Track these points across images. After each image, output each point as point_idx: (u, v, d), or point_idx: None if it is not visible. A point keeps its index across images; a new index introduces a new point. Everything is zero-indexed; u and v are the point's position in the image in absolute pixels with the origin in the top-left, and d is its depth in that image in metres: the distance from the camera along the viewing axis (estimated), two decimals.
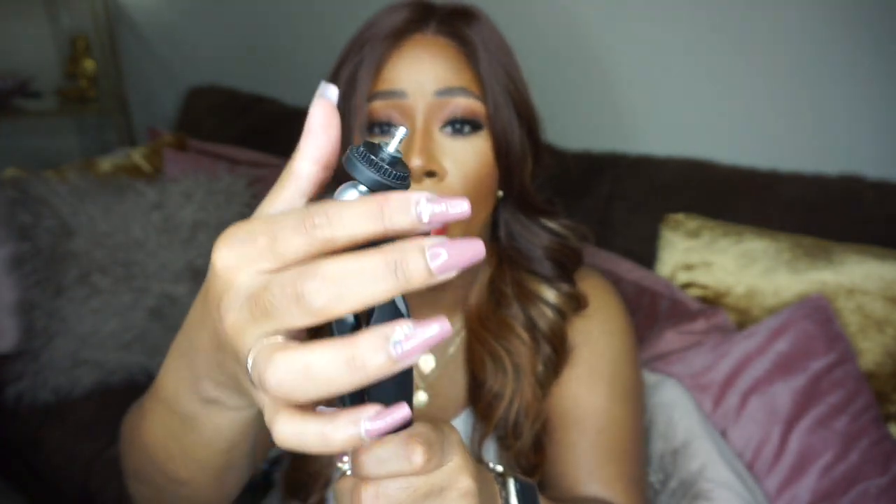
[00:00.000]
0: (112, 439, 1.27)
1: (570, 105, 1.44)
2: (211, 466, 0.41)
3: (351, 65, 0.58)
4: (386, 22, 0.58)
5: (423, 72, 0.56)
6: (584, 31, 1.41)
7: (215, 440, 0.38)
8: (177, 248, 1.40)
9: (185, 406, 0.37)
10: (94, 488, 1.22)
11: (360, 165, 0.27)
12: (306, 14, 1.86)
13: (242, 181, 1.53)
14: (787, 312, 0.99)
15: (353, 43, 0.60)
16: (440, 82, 0.56)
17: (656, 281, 1.18)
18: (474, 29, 0.59)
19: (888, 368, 0.99)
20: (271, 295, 0.23)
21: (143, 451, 0.45)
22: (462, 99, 0.56)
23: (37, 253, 1.34)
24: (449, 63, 0.57)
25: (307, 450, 0.24)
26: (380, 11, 0.61)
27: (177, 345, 0.36)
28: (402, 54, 0.57)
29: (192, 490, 0.44)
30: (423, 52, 0.57)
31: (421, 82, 0.56)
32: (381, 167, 0.27)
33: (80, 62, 2.33)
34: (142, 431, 0.44)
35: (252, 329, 0.24)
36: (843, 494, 0.86)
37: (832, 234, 1.10)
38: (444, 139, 0.57)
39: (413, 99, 0.56)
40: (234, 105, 1.97)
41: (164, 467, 0.43)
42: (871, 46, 1.13)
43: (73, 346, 1.31)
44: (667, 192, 1.28)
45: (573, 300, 0.66)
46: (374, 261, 0.22)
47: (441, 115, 0.57)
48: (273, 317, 0.23)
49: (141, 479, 0.49)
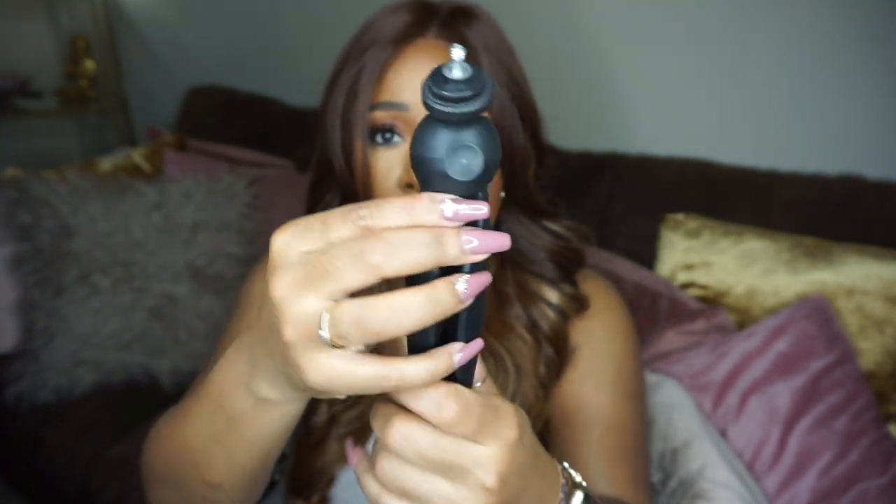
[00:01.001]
0: (112, 439, 1.27)
1: (570, 105, 1.44)
2: (248, 469, 0.42)
3: (352, 71, 0.57)
4: (386, 26, 0.57)
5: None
6: (584, 31, 1.41)
7: (257, 442, 0.39)
8: (177, 248, 1.40)
9: (236, 405, 0.37)
10: (94, 488, 1.22)
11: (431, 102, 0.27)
12: (306, 14, 1.86)
13: (242, 181, 1.53)
14: (787, 312, 0.99)
15: (352, 46, 0.59)
16: None
17: (656, 281, 1.18)
18: (475, 30, 0.58)
19: (888, 368, 0.99)
20: (332, 256, 0.26)
21: (179, 455, 0.45)
22: None
23: (37, 253, 1.34)
24: None
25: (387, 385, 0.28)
26: (379, 11, 0.60)
27: (239, 342, 0.37)
28: (403, 62, 0.56)
29: (224, 494, 0.44)
30: (425, 59, 0.56)
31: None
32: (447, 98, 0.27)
33: (80, 62, 2.32)
34: (181, 434, 0.44)
35: (305, 293, 0.27)
36: (843, 494, 0.86)
37: (832, 234, 1.10)
38: None
39: (415, 111, 0.55)
40: (234, 105, 1.97)
41: (202, 471, 0.43)
42: (872, 47, 1.13)
43: (73, 346, 1.31)
44: (667, 191, 1.28)
45: (575, 301, 0.66)
46: (423, 233, 0.27)
47: None
48: (331, 276, 0.26)
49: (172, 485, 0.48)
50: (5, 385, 1.31)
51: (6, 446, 1.39)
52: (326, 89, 0.61)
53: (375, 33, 0.57)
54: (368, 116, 0.56)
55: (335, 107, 0.58)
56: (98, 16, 2.29)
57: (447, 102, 0.27)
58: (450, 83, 0.27)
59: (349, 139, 0.57)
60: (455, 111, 0.27)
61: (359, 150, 0.57)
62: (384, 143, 0.56)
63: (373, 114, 0.56)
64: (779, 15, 1.20)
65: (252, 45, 2.04)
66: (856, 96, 1.17)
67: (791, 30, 1.20)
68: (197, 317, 1.38)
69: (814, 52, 1.19)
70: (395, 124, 0.56)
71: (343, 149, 0.58)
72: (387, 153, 0.56)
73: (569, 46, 1.43)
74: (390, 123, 0.56)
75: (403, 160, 0.56)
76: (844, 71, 1.17)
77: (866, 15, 1.12)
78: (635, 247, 1.27)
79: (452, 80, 0.27)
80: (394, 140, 0.56)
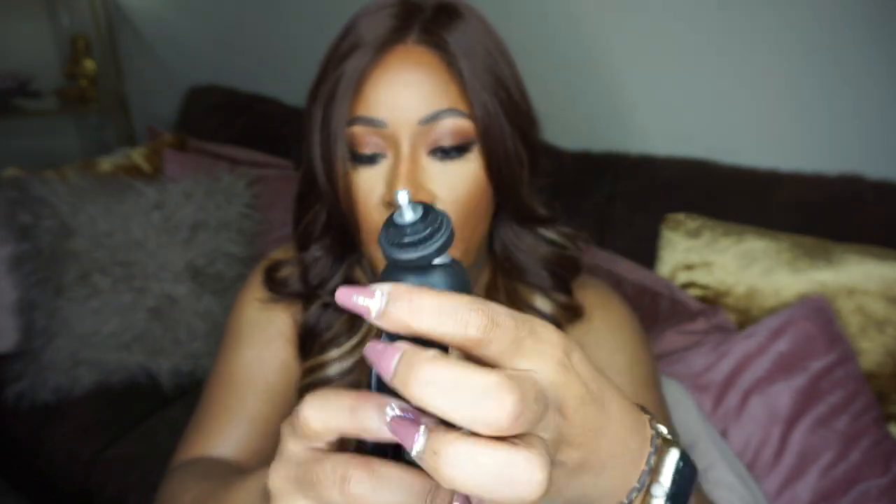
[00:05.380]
0: (112, 439, 1.27)
1: (570, 105, 1.44)
2: None
3: (330, 81, 0.54)
4: (366, 30, 0.54)
5: (404, 95, 0.52)
6: (583, 31, 1.41)
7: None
8: (177, 248, 1.40)
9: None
10: (94, 488, 1.22)
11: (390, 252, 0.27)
12: (307, 14, 1.86)
13: (242, 181, 1.53)
14: (788, 312, 0.99)
15: (332, 52, 0.56)
16: (423, 108, 0.52)
17: (656, 281, 1.18)
18: (459, 31, 0.54)
19: (889, 368, 0.99)
20: (321, 469, 0.26)
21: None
22: (449, 120, 0.52)
23: (37, 253, 1.34)
24: (432, 80, 0.52)
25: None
26: (362, 10, 0.56)
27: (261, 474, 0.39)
28: (382, 72, 0.53)
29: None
30: (404, 70, 0.52)
31: (403, 109, 0.52)
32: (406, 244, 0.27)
33: (80, 62, 2.32)
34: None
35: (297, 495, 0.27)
36: (844, 494, 0.86)
37: (832, 234, 1.10)
38: (433, 164, 0.53)
39: (393, 128, 0.52)
40: (234, 105, 1.97)
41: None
42: (871, 47, 1.13)
43: (73, 346, 1.31)
44: (667, 191, 1.28)
45: (568, 310, 0.64)
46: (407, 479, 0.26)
47: (427, 142, 0.53)
48: (315, 489, 0.26)
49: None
50: (5, 385, 1.31)
51: (6, 446, 1.39)
52: (308, 98, 0.58)
53: (355, 38, 0.54)
54: (347, 131, 0.53)
55: (315, 119, 0.56)
56: (98, 16, 2.30)
57: (407, 248, 0.26)
58: (405, 228, 0.27)
59: (329, 155, 0.54)
60: (415, 255, 0.26)
61: (339, 168, 0.54)
62: (369, 163, 0.54)
63: (351, 129, 0.53)
64: (779, 15, 1.20)
65: (253, 45, 2.04)
66: (856, 96, 1.17)
67: (791, 30, 1.19)
68: (197, 317, 1.38)
69: (814, 53, 1.18)
70: (375, 143, 0.53)
71: (324, 164, 0.55)
72: (368, 172, 0.54)
73: (568, 46, 1.43)
74: (370, 143, 0.53)
75: (385, 177, 0.53)
76: (845, 71, 1.17)
77: (866, 15, 1.12)
78: (635, 247, 1.27)
79: (407, 225, 0.27)
80: (375, 160, 0.54)
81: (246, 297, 0.70)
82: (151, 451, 1.21)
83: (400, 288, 0.25)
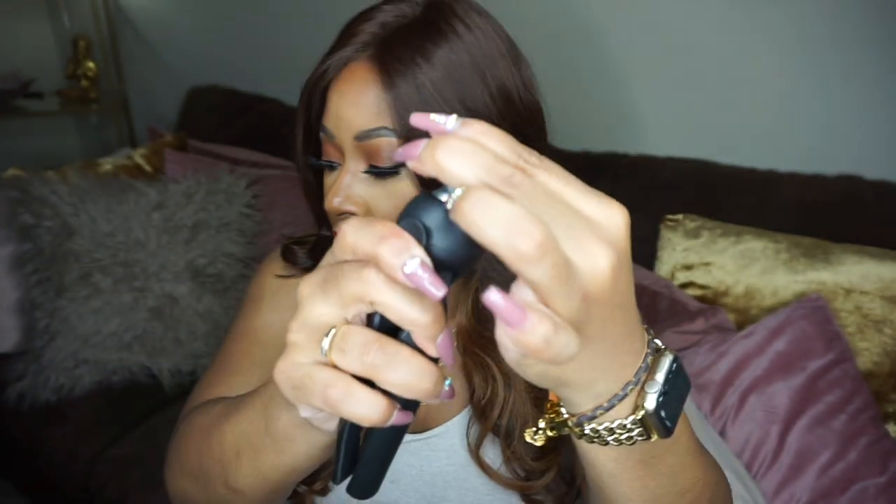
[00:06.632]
0: (112, 439, 1.27)
1: (570, 105, 1.44)
2: (271, 482, 0.42)
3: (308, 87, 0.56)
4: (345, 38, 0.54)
5: (343, 110, 0.52)
6: (584, 31, 1.42)
7: (287, 459, 0.39)
8: (177, 248, 1.41)
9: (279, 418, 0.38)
10: (94, 488, 1.23)
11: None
12: (307, 14, 1.86)
13: (242, 181, 1.53)
14: (786, 312, 1.00)
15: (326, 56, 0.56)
16: (359, 124, 0.51)
17: (656, 281, 1.18)
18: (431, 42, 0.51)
19: (886, 368, 0.99)
20: (340, 271, 0.29)
21: (211, 451, 0.45)
22: (382, 139, 0.51)
23: (38, 253, 1.35)
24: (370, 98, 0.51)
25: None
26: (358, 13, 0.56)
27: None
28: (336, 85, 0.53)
29: (245, 500, 0.44)
30: (348, 86, 0.52)
31: (344, 123, 0.52)
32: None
33: (81, 63, 2.33)
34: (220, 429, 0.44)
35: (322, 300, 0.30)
36: (842, 493, 0.87)
37: (831, 234, 1.10)
38: (368, 180, 0.54)
39: (340, 141, 0.53)
40: (234, 105, 1.98)
41: (227, 473, 0.43)
42: (870, 47, 1.13)
43: (74, 346, 1.32)
44: (666, 191, 1.28)
45: None
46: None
47: (365, 157, 0.53)
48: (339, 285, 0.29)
49: (197, 479, 0.48)
50: (6, 385, 1.31)
51: (6, 446, 1.39)
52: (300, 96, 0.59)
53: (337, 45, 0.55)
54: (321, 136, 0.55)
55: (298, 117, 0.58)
56: (99, 17, 2.30)
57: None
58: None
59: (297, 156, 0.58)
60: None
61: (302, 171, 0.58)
62: (327, 167, 0.56)
63: (321, 134, 0.55)
64: (778, 15, 1.20)
65: (253, 45, 2.04)
66: (855, 97, 1.17)
67: (790, 30, 1.20)
68: (197, 317, 1.39)
69: (813, 53, 1.19)
70: (330, 150, 0.55)
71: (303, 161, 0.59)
72: (329, 176, 0.57)
73: (568, 46, 1.44)
74: (327, 149, 0.55)
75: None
76: (843, 71, 1.17)
77: (865, 16, 1.13)
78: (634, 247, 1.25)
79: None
80: (334, 166, 0.56)
81: (266, 269, 0.72)
82: (152, 451, 1.22)
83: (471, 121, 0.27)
